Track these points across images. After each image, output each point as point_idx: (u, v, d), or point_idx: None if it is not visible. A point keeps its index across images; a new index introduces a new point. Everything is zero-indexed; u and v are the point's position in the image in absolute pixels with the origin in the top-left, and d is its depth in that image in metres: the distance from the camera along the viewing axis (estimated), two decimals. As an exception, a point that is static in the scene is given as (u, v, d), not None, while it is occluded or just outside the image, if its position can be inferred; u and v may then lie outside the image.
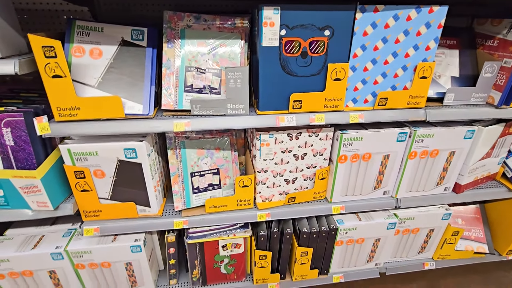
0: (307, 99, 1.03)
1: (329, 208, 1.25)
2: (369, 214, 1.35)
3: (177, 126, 0.99)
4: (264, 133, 1.10)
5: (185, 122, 0.99)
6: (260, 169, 1.16)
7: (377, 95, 1.08)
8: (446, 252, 1.54)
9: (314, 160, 1.19)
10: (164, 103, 1.03)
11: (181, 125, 0.99)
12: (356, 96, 1.08)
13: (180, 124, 0.99)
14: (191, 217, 1.18)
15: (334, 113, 1.06)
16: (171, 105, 1.03)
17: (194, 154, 1.17)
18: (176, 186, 1.18)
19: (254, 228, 1.32)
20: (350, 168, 1.19)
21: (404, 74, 1.07)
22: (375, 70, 1.05)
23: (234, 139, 1.23)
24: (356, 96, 1.08)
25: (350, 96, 1.07)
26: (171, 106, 1.03)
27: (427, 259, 1.57)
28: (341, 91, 1.04)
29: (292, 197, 1.23)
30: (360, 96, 1.08)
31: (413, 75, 1.07)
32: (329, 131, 1.15)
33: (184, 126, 0.99)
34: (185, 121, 0.99)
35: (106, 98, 0.97)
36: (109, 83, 1.00)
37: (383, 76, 1.07)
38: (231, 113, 1.03)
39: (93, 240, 1.23)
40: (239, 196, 1.19)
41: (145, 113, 1.01)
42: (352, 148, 1.14)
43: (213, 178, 1.21)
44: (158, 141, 1.26)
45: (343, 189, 1.24)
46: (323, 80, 1.02)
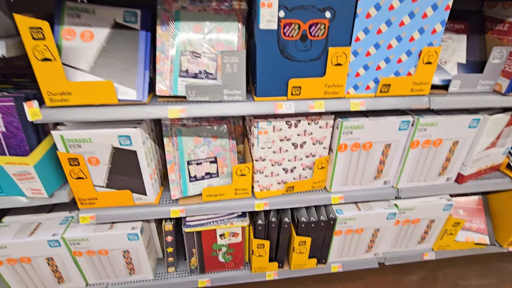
0: (307, 85, 0.98)
1: (328, 198, 1.23)
2: (369, 204, 1.33)
3: (171, 113, 0.96)
4: (262, 120, 1.06)
5: (180, 109, 0.95)
6: (258, 157, 1.13)
7: (379, 82, 1.03)
8: (446, 243, 1.51)
9: (313, 149, 1.16)
10: (159, 88, 0.99)
11: (175, 112, 0.96)
12: (358, 83, 1.03)
13: (174, 111, 0.96)
14: (188, 205, 1.16)
15: (335, 100, 1.02)
16: (166, 91, 0.99)
17: (191, 142, 1.14)
18: (173, 175, 1.15)
19: (252, 217, 1.31)
20: (350, 157, 1.16)
21: (408, 59, 1.02)
22: (378, 54, 1.00)
23: (232, 127, 1.20)
24: (357, 82, 1.03)
25: (351, 82, 1.03)
26: (166, 92, 0.99)
27: (427, 249, 1.54)
28: (342, 77, 0.99)
29: (291, 187, 1.21)
30: (362, 82, 1.03)
31: (417, 61, 1.02)
32: (329, 119, 1.11)
33: (179, 113, 0.96)
34: (180, 107, 0.96)
35: (98, 83, 0.93)
36: (101, 68, 0.96)
37: (386, 61, 1.01)
38: (227, 99, 0.99)
39: (89, 227, 1.21)
40: (237, 185, 1.17)
41: (139, 99, 0.97)
42: (353, 136, 1.11)
43: (210, 167, 1.18)
44: (155, 129, 1.22)
45: (343, 179, 1.22)
46: (323, 65, 0.98)
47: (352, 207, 1.31)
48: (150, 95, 1.03)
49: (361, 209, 1.30)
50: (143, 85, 0.98)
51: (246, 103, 0.98)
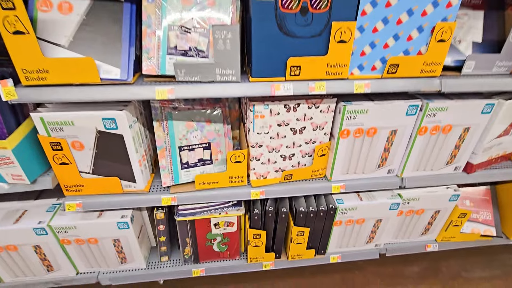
0: (307, 64, 0.90)
1: (329, 187, 1.17)
2: (371, 194, 1.27)
3: (159, 93, 0.88)
4: (258, 103, 0.99)
5: (168, 89, 0.88)
6: (254, 143, 1.07)
7: (386, 61, 0.94)
8: (451, 234, 1.44)
9: (313, 135, 1.09)
10: (145, 67, 0.91)
11: (163, 92, 0.88)
12: (363, 62, 0.95)
13: (162, 91, 0.88)
14: (180, 193, 1.11)
15: (337, 81, 0.94)
16: (153, 70, 0.91)
17: (182, 127, 1.07)
18: (163, 161, 1.09)
19: (248, 206, 1.26)
20: (352, 144, 1.09)
21: (419, 36, 0.92)
22: (386, 31, 0.90)
23: (227, 111, 1.13)
24: (363, 62, 0.95)
25: (356, 62, 0.94)
26: (153, 70, 0.91)
27: (430, 241, 1.49)
28: (346, 56, 0.90)
29: (289, 175, 1.15)
30: (368, 62, 0.95)
31: (429, 38, 0.92)
32: (331, 103, 1.04)
33: (167, 94, 0.88)
34: (168, 88, 0.88)
35: (78, 59, 0.84)
36: (81, 43, 0.87)
37: (395, 38, 0.91)
38: (220, 79, 0.91)
39: (77, 215, 1.15)
40: (231, 173, 1.11)
41: (123, 78, 0.88)
42: (356, 122, 1.04)
43: (204, 153, 1.12)
44: (144, 112, 1.15)
45: (344, 167, 1.15)
46: (325, 43, 0.89)
47: (354, 196, 1.25)
48: (137, 74, 0.95)
49: (363, 199, 1.24)
50: (128, 63, 0.89)
51: (240, 84, 0.91)
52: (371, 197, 1.25)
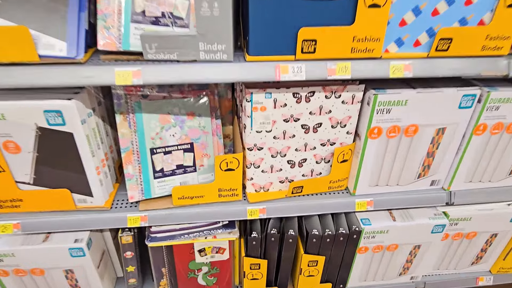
0: (325, 37, 0.83)
1: (351, 203, 1.13)
2: (408, 212, 1.23)
3: (120, 77, 0.81)
4: (258, 91, 0.93)
5: (133, 71, 0.81)
6: (252, 145, 1.02)
7: (435, 34, 0.86)
8: (511, 265, 1.37)
9: (332, 134, 1.05)
10: (102, 40, 0.83)
11: (126, 76, 0.81)
12: (403, 36, 0.88)
13: (124, 74, 0.81)
14: (152, 211, 1.06)
15: (367, 61, 0.87)
16: (113, 44, 0.84)
17: (155, 122, 1.02)
18: (130, 168, 1.04)
19: (244, 227, 1.23)
20: (385, 146, 1.04)
21: None
22: None
23: (216, 100, 1.08)
24: (402, 35, 0.88)
25: (393, 34, 0.88)
26: (112, 45, 0.84)
27: (483, 272, 1.44)
28: (380, 26, 0.83)
29: (299, 187, 1.10)
30: (409, 35, 0.88)
31: (496, 2, 0.84)
32: (357, 91, 0.98)
33: (131, 78, 0.81)
34: (133, 70, 0.81)
35: (6, 29, 0.76)
36: (12, 7, 0.79)
37: (449, 2, 0.84)
38: (205, 58, 0.84)
39: (16, 239, 1.09)
40: (222, 184, 1.06)
41: (71, 55, 0.82)
42: (391, 117, 0.98)
43: (184, 157, 1.07)
44: (104, 101, 1.08)
45: (373, 177, 1.11)
46: (351, 7, 0.81)
47: (384, 215, 1.21)
48: (91, 50, 0.88)
49: (396, 218, 1.20)
50: (77, 34, 0.82)
51: (233, 65, 0.85)
52: (408, 216, 1.21)
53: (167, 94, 1.01)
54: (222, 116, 1.13)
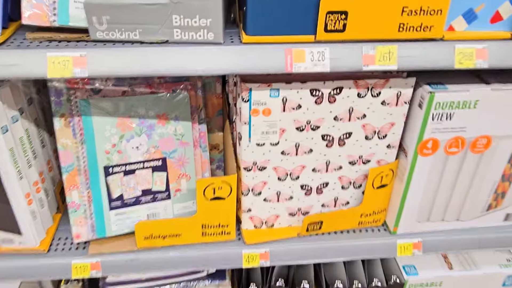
0: (360, 8, 0.78)
1: (391, 246, 1.09)
2: (471, 258, 1.23)
3: (55, 67, 0.75)
4: (259, 87, 0.88)
5: (73, 58, 0.76)
6: (251, 163, 0.99)
7: None
8: None
9: (366, 149, 1.01)
10: (28, 11, 0.77)
11: (64, 65, 0.76)
12: (476, 6, 0.83)
13: (61, 62, 0.76)
14: (107, 255, 1.02)
15: (421, 44, 0.82)
16: (44, 17, 0.78)
17: (112, 129, 0.97)
18: (75, 195, 0.99)
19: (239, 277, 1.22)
20: (442, 166, 1.00)
21: None
22: None
23: (199, 97, 1.03)
24: (475, 5, 0.83)
25: (462, 5, 0.83)
26: (43, 18, 0.78)
27: None
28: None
29: (317, 222, 1.06)
30: (485, 5, 0.82)
31: None
32: (405, 87, 0.92)
33: (71, 67, 0.76)
34: (74, 55, 0.76)
35: None
36: None
37: None
38: (181, 38, 0.80)
39: None
40: (206, 218, 1.03)
41: None
42: (453, 124, 0.93)
43: (154, 179, 1.04)
44: (38, 97, 1.04)
45: (424, 209, 1.07)
46: None
47: (437, 261, 1.21)
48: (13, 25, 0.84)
49: (453, 265, 1.19)
50: None
51: (223, 49, 0.80)
52: (470, 262, 1.21)
53: (129, 88, 0.96)
54: (208, 119, 1.09)
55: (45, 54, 0.75)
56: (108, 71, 0.78)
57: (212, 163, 1.15)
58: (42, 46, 0.78)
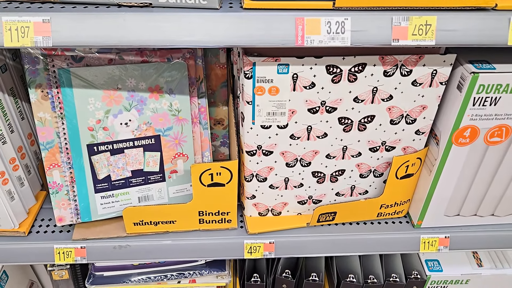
0: None
1: (414, 240, 1.06)
2: (504, 255, 1.19)
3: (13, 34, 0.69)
4: (265, 61, 0.81)
5: (35, 23, 0.70)
6: (255, 147, 0.94)
7: None
8: None
9: (391, 134, 0.95)
10: None
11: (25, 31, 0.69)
12: None
13: (21, 28, 0.69)
14: (92, 241, 1.00)
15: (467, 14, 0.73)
16: None
17: (96, 102, 0.92)
18: (57, 174, 0.96)
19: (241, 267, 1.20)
20: (481, 157, 0.94)
21: None
22: None
23: (199, 67, 0.98)
24: None
25: None
26: None
27: None
28: None
29: (329, 213, 1.03)
30: None
31: None
32: (442, 65, 0.84)
33: (31, 35, 0.69)
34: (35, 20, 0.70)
35: None
36: None
37: None
38: (168, 1, 0.72)
39: None
40: (203, 204, 0.99)
41: None
42: (497, 110, 0.86)
43: (146, 159, 1.00)
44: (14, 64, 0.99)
45: (454, 202, 1.03)
46: None
47: (464, 257, 1.19)
48: None
49: (484, 263, 1.16)
50: None
51: (220, 16, 0.73)
52: (502, 260, 1.18)
53: (116, 56, 0.90)
54: (211, 92, 1.06)
55: (0, 18, 0.69)
56: (76, 41, 0.71)
57: (216, 139, 1.14)
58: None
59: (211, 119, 1.08)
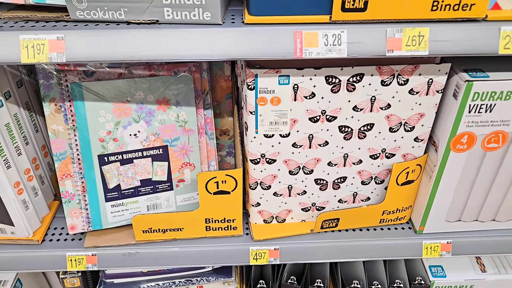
0: None
1: (416, 246, 1.05)
2: (507, 260, 1.17)
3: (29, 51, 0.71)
4: (266, 73, 0.82)
5: (49, 40, 0.71)
6: (259, 155, 0.95)
7: None
8: None
9: (390, 141, 0.95)
10: None
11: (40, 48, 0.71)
12: None
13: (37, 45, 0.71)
14: (103, 249, 1.00)
15: (458, 25, 0.74)
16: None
17: (107, 114, 0.93)
18: (69, 184, 0.96)
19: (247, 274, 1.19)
20: (479, 163, 0.94)
21: None
22: None
23: (205, 80, 0.99)
24: None
25: None
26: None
27: None
28: None
29: (333, 219, 1.02)
30: None
31: None
32: (438, 74, 0.85)
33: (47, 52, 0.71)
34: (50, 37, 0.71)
35: None
36: None
37: None
38: (173, 17, 0.74)
39: None
40: (210, 212, 1.00)
41: None
42: (493, 117, 0.86)
43: (154, 168, 1.01)
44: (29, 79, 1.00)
45: (455, 208, 1.02)
46: None
47: (468, 262, 1.17)
48: None
49: (487, 268, 1.15)
50: None
51: (223, 31, 0.74)
52: (506, 265, 1.15)
53: (125, 70, 0.92)
54: (217, 103, 1.06)
55: (18, 36, 0.71)
56: (89, 56, 0.73)
57: (222, 149, 1.13)
58: (16, 27, 0.73)
59: (217, 130, 1.07)
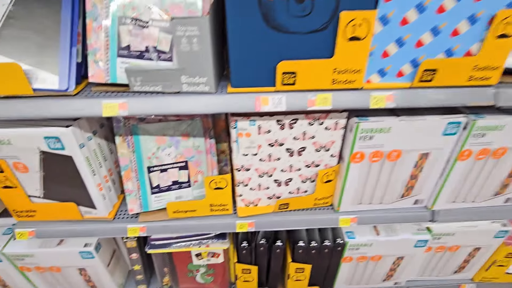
0: (305, 70, 0.71)
1: (335, 220, 1.01)
2: (392, 227, 1.10)
3: (107, 109, 0.73)
4: (242, 119, 0.83)
5: (119, 103, 0.73)
6: (240, 166, 0.92)
7: (419, 65, 0.72)
8: (493, 275, 1.22)
9: (316, 157, 0.93)
10: (92, 73, 0.75)
11: (113, 108, 0.73)
12: (385, 66, 0.74)
13: (111, 106, 0.73)
14: (150, 223, 0.98)
15: (347, 92, 0.75)
16: (101, 77, 0.75)
17: (152, 143, 0.94)
18: (130, 184, 0.96)
19: (236, 237, 1.12)
20: (368, 169, 0.91)
21: (470, 30, 0.68)
22: (422, 22, 0.68)
23: (209, 122, 0.97)
24: (385, 65, 0.74)
25: (376, 65, 0.74)
26: (101, 77, 0.75)
27: (465, 280, 1.28)
28: (361, 58, 0.70)
29: (285, 204, 1.00)
30: (392, 65, 0.74)
31: (485, 33, 0.68)
32: (340, 118, 0.85)
33: (117, 109, 0.73)
34: (119, 101, 0.73)
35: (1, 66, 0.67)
36: (8, 43, 0.71)
37: (434, 33, 0.69)
38: (188, 89, 0.75)
39: (35, 242, 1.04)
40: (212, 200, 0.97)
41: (62, 88, 0.73)
42: (374, 143, 0.86)
43: (180, 174, 0.98)
44: (107, 123, 1.01)
45: (357, 196, 0.98)
46: (330, 40, 0.69)
47: (368, 229, 1.10)
48: (84, 82, 0.80)
49: (380, 232, 1.08)
50: (69, 68, 0.73)
51: (215, 97, 0.75)
52: (392, 231, 1.09)
53: (163, 117, 0.93)
54: (217, 135, 1.03)
55: (101, 101, 0.72)
56: (140, 112, 0.74)
57: (221, 162, 1.08)
58: (99, 96, 0.74)
59: (218, 151, 1.05)
